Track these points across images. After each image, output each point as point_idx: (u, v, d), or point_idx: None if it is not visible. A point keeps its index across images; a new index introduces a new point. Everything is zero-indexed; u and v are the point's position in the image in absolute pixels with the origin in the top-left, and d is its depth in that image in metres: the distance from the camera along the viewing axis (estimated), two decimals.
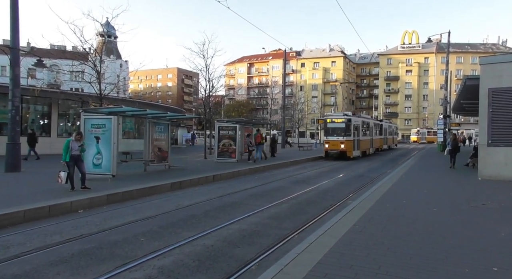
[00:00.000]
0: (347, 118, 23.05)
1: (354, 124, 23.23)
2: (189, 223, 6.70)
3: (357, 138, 23.64)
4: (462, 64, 75.06)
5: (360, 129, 24.44)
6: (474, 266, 4.03)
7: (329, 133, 23.35)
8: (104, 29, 22.63)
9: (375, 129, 30.41)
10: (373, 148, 28.64)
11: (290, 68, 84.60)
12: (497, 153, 11.64)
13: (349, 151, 22.54)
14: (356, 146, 23.43)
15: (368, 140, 27.29)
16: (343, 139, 22.33)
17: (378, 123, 32.83)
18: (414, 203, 7.73)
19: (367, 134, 27.05)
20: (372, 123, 29.10)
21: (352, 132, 22.87)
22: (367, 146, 26.98)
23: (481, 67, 12.15)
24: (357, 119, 24.79)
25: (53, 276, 4.22)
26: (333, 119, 23.57)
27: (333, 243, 4.83)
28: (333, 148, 22.69)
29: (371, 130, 28.26)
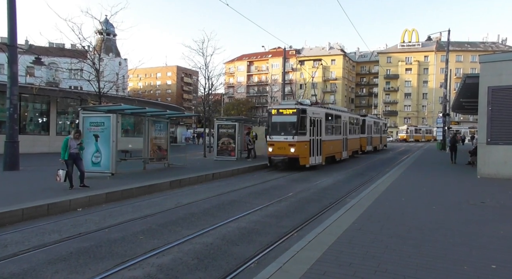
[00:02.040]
0: (301, 108, 15.17)
1: (312, 118, 15.57)
2: (188, 221, 6.70)
3: (317, 138, 16.05)
4: (461, 62, 75.00)
5: (322, 126, 16.68)
6: (473, 264, 4.03)
7: (274, 131, 15.59)
8: (103, 27, 22.57)
9: (353, 126, 23.49)
10: (346, 151, 21.00)
11: (290, 66, 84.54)
12: (496, 151, 11.65)
13: (304, 157, 15.16)
14: (315, 149, 15.93)
15: (337, 140, 19.51)
16: (293, 139, 14.75)
17: (358, 117, 26.03)
18: (413, 201, 7.74)
19: (337, 133, 19.51)
20: (346, 117, 21.54)
21: (308, 129, 15.31)
22: (337, 149, 19.20)
23: (481, 66, 12.14)
24: (318, 110, 16.79)
25: (51, 274, 4.21)
26: (280, 109, 15.50)
27: (332, 241, 4.82)
28: (278, 153, 15.00)
29: (344, 127, 20.61)
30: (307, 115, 15.27)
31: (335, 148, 18.95)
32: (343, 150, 20.34)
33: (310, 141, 15.48)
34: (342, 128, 20.32)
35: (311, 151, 15.60)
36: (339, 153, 19.60)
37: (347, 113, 22.70)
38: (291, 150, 14.83)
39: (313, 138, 15.73)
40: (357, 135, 24.62)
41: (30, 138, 20.55)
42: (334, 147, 18.72)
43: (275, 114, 15.55)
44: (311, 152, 15.60)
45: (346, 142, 20.93)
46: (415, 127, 61.59)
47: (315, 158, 16.00)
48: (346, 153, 20.89)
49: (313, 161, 15.86)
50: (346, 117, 21.55)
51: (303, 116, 15.17)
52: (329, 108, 19.53)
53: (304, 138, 15.23)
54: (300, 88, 79.92)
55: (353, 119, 23.79)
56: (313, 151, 15.80)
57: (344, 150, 20.57)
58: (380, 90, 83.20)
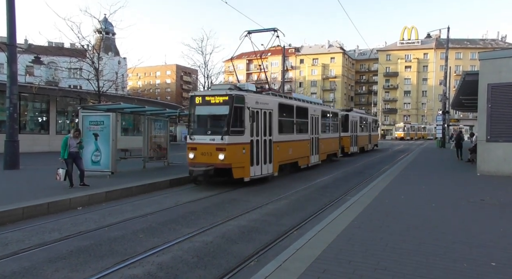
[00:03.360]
0: (236, 95, 10.42)
1: (255, 110, 10.82)
2: (188, 220, 6.71)
3: (264, 138, 11.31)
4: (461, 60, 74.94)
5: (274, 121, 11.93)
6: (472, 261, 4.04)
7: (198, 129, 10.91)
8: (102, 26, 22.54)
9: (329, 123, 18.72)
10: (318, 154, 16.36)
11: (289, 64, 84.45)
12: (496, 148, 11.65)
13: (240, 167, 10.38)
14: (262, 154, 11.21)
15: (302, 141, 14.59)
16: (222, 141, 10.05)
17: (337, 112, 21.14)
18: (412, 199, 7.74)
19: (301, 131, 14.75)
20: (317, 111, 16.45)
21: (248, 126, 10.48)
22: (301, 152, 14.51)
23: (480, 63, 12.12)
24: (265, 99, 11.70)
25: (51, 273, 4.22)
26: (207, 96, 10.77)
27: (332, 239, 4.83)
28: (202, 161, 10.26)
29: (313, 123, 15.87)
30: (246, 105, 10.27)
31: (298, 151, 14.08)
32: (312, 153, 15.71)
33: (251, 143, 10.57)
34: (311, 125, 15.61)
35: (254, 157, 10.70)
36: (304, 157, 14.90)
37: (319, 106, 17.36)
38: (220, 156, 9.83)
39: (257, 139, 10.86)
40: (334, 134, 19.73)
41: (30, 137, 20.56)
42: (296, 150, 13.87)
43: (200, 104, 10.65)
44: (254, 159, 10.71)
45: (316, 142, 16.16)
46: (410, 125, 61.25)
47: (261, 167, 11.06)
48: (316, 157, 16.24)
49: (258, 171, 10.93)
50: (317, 111, 16.57)
51: (239, 107, 10.21)
52: (287, 97, 14.24)
53: (241, 139, 10.21)
54: (299, 86, 79.90)
55: (328, 114, 18.73)
56: (258, 157, 10.88)
57: (314, 153, 15.87)
58: (379, 88, 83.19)
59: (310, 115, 15.50)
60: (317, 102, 17.96)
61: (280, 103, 12.64)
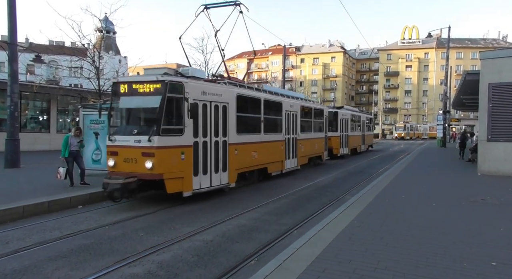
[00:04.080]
0: (170, 82, 7.74)
1: (200, 103, 8.39)
2: (188, 218, 6.72)
3: (215, 139, 8.99)
4: (462, 59, 74.81)
5: (230, 117, 9.55)
6: (473, 261, 4.04)
7: (121, 128, 8.28)
8: (103, 25, 22.52)
9: (311, 121, 15.99)
10: (296, 158, 13.95)
11: (290, 63, 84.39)
12: (497, 148, 11.64)
13: (176, 178, 7.86)
14: (210, 159, 8.77)
15: (272, 142, 12.00)
16: (149, 144, 7.43)
17: (322, 109, 18.11)
18: (413, 198, 7.74)
19: (272, 130, 12.11)
20: (294, 106, 13.94)
21: (187, 123, 7.94)
22: (270, 156, 11.95)
23: (481, 62, 12.11)
24: (216, 89, 9.22)
25: (52, 271, 4.23)
26: (134, 83, 8.02)
27: (332, 238, 4.83)
28: (124, 170, 7.62)
29: (289, 121, 13.39)
30: (186, 96, 7.79)
31: (267, 155, 11.53)
32: (288, 156, 13.23)
33: (195, 146, 8.13)
34: (287, 123, 13.09)
35: (200, 165, 8.27)
36: (277, 162, 12.36)
37: (298, 101, 14.66)
38: (147, 164, 7.32)
39: (204, 141, 8.41)
40: (319, 134, 16.90)
41: (31, 136, 20.57)
42: (264, 153, 11.31)
43: (125, 94, 8.00)
44: (200, 167, 8.27)
45: (294, 144, 13.71)
46: (410, 125, 61.06)
47: (210, 176, 8.62)
48: (294, 161, 13.78)
49: (205, 182, 8.46)
50: (295, 107, 13.95)
51: (174, 98, 7.73)
52: (252, 88, 11.56)
53: (178, 141, 7.75)
54: (300, 85, 79.87)
55: (311, 111, 16.00)
56: (205, 163, 8.45)
57: (290, 156, 13.44)
58: (380, 88, 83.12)
59: (285, 111, 12.95)
60: (296, 97, 15.19)
61: (239, 96, 10.00)
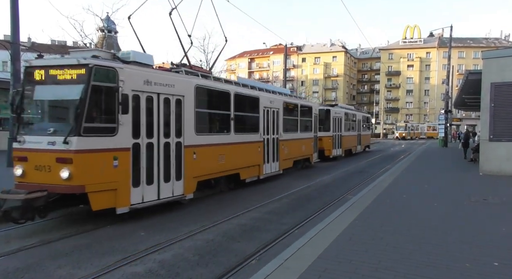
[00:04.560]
0: (97, 66, 5.90)
1: (139, 94, 6.54)
2: (189, 218, 6.73)
3: (165, 140, 7.08)
4: (464, 59, 74.54)
5: (186, 114, 7.64)
6: (474, 261, 4.02)
7: (33, 126, 6.39)
8: (104, 24, 22.55)
9: (297, 120, 14.05)
10: (277, 162, 12.11)
11: (291, 63, 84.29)
12: (499, 148, 11.59)
13: (108, 191, 5.97)
14: (156, 166, 6.83)
15: (246, 144, 10.27)
16: (64, 148, 5.57)
17: (310, 106, 15.95)
18: (414, 197, 7.73)
19: (246, 129, 10.51)
20: (276, 103, 12.07)
21: (122, 119, 6.15)
22: (245, 160, 10.20)
23: (484, 62, 12.06)
24: (164, 78, 7.15)
25: (54, 269, 4.25)
26: (52, 69, 6.09)
27: (333, 237, 4.83)
28: (35, 181, 5.71)
29: (268, 119, 11.54)
30: (121, 84, 6.21)
31: (238, 159, 9.70)
32: (267, 160, 11.32)
33: (134, 149, 6.44)
34: (265, 121, 11.19)
35: (141, 172, 6.55)
36: (252, 167, 10.47)
37: (280, 96, 12.52)
38: (63, 173, 5.62)
39: (149, 143, 6.72)
40: (307, 134, 14.96)
41: None
42: (234, 156, 9.48)
43: (40, 82, 6.32)
44: (141, 175, 6.55)
45: (274, 145, 11.79)
46: (411, 124, 60.33)
47: (156, 186, 6.85)
48: (275, 165, 11.83)
49: (150, 194, 6.72)
50: (277, 103, 11.99)
51: (103, 88, 6.19)
52: (220, 79, 9.88)
53: (109, 143, 6.11)
54: (301, 85, 79.79)
55: (297, 108, 14.02)
56: (148, 171, 6.69)
57: (270, 160, 11.49)
58: (381, 87, 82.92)
59: (263, 108, 11.02)
60: (279, 92, 13.06)
61: (200, 87, 8.05)
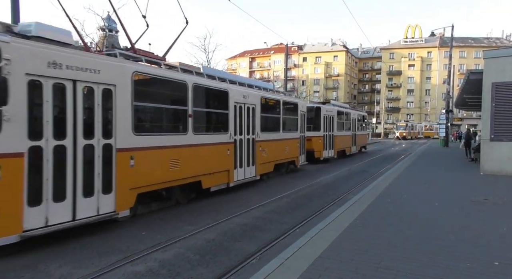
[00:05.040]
0: None
1: (40, 78, 4.71)
2: (190, 217, 6.73)
3: (82, 143, 5.22)
4: (465, 58, 74.42)
5: (111, 109, 5.68)
6: (475, 261, 4.02)
7: None
8: (105, 23, 22.56)
9: (279, 117, 12.16)
10: (250, 166, 10.14)
11: (292, 62, 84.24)
12: (500, 147, 11.58)
13: None
14: (67, 177, 5.01)
15: (204, 147, 8.13)
16: None
17: (296, 103, 13.97)
18: (415, 197, 7.72)
19: (206, 128, 8.59)
20: (251, 97, 10.22)
21: (2, 113, 4.29)
22: (202, 167, 8.03)
23: (485, 61, 12.04)
24: (82, 61, 5.23)
25: (55, 268, 4.25)
26: None
27: (334, 237, 4.83)
28: None
29: (243, 116, 9.81)
30: (2, 64, 4.34)
31: (199, 164, 7.93)
32: (240, 164, 9.54)
33: (31, 154, 4.67)
34: (237, 119, 9.38)
35: (43, 186, 4.81)
36: (218, 173, 8.65)
37: (256, 91, 10.61)
38: None
39: (57, 145, 4.97)
40: (291, 134, 12.93)
41: None
42: (192, 161, 7.72)
43: None
44: (44, 189, 4.82)
45: (250, 147, 10.04)
46: (411, 124, 59.72)
47: (71, 203, 5.12)
48: (250, 170, 10.04)
49: (59, 215, 4.97)
50: (252, 98, 10.16)
51: None
52: (170, 66, 7.76)
53: None
54: (302, 84, 79.75)
55: (277, 104, 11.87)
56: (57, 183, 4.95)
57: (244, 164, 9.73)
58: (382, 87, 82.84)
59: (233, 103, 9.13)
60: (257, 86, 11.00)
61: (140, 75, 6.41)
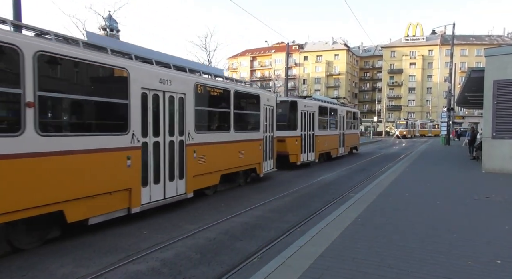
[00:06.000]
0: None
1: None
2: (191, 216, 6.74)
3: None
4: (466, 56, 74.22)
5: None
6: (477, 259, 4.01)
7: None
8: (106, 23, 22.57)
9: (230, 112, 9.11)
10: (174, 181, 7.00)
11: (293, 61, 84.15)
12: (502, 145, 11.54)
13: None
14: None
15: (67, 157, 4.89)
16: None
17: (257, 95, 10.72)
18: (417, 196, 7.70)
19: (84, 127, 5.56)
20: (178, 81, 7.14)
21: None
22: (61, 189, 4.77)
23: (486, 59, 12.00)
24: None
25: (57, 267, 4.26)
26: None
27: (335, 235, 4.82)
28: None
29: (160, 111, 6.73)
30: None
31: (62, 184, 4.87)
32: (155, 179, 6.62)
33: None
34: (151, 114, 6.55)
35: None
36: (109, 195, 5.70)
37: (189, 76, 7.70)
38: None
39: None
40: (251, 134, 10.19)
41: None
42: (48, 179, 4.69)
43: None
44: None
45: (174, 154, 7.14)
46: (411, 121, 58.81)
47: None
48: (173, 185, 7.06)
49: None
50: (179, 85, 7.25)
51: None
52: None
53: None
54: (303, 83, 79.68)
55: (227, 96, 9.08)
56: None
57: (162, 178, 6.80)
58: (384, 85, 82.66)
59: (140, 91, 6.33)
60: (191, 68, 8.05)
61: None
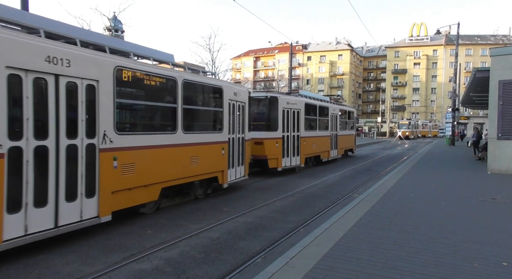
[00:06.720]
0: None
1: None
2: (195, 216, 6.75)
3: None
4: (471, 56, 73.73)
5: None
6: (483, 261, 3.98)
7: None
8: (112, 24, 22.69)
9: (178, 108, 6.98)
10: (71, 201, 4.88)
11: (297, 61, 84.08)
12: (507, 146, 11.46)
13: None
14: None
15: None
16: None
17: (220, 87, 8.45)
18: (421, 197, 7.67)
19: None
20: (77, 64, 4.88)
21: None
22: None
23: (492, 59, 11.92)
24: None
25: (62, 265, 4.29)
26: None
27: (339, 236, 4.81)
28: None
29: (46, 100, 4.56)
30: None
31: None
32: (42, 201, 4.55)
33: None
34: (41, 107, 4.55)
35: None
36: None
37: (108, 58, 5.51)
38: None
39: None
40: (210, 136, 8.16)
41: None
42: None
43: None
44: None
45: (77, 165, 5.01)
46: (414, 122, 58.02)
47: None
48: (76, 207, 4.99)
49: None
50: (88, 69, 5.12)
51: None
52: None
53: None
54: (307, 83, 79.59)
55: (173, 85, 6.95)
56: None
57: (60, 197, 4.76)
58: (387, 85, 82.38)
59: (5, 69, 4.17)
60: (112, 47, 6.00)
61: None
